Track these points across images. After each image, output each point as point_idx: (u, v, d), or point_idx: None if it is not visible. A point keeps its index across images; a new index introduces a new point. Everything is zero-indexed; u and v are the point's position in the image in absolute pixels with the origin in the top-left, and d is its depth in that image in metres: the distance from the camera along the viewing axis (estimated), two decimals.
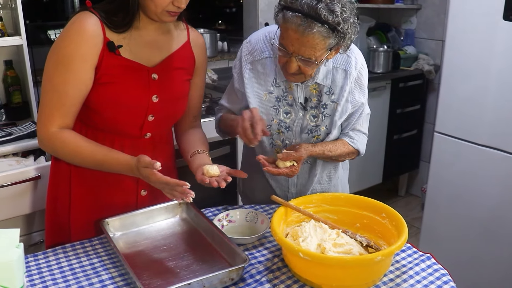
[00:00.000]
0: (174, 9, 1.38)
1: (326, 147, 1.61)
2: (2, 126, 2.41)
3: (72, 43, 1.37)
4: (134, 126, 1.50)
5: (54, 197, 1.58)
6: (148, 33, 1.48)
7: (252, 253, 1.42)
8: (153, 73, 1.48)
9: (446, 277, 1.31)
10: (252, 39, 1.67)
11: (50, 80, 1.39)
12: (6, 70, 2.57)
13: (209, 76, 3.18)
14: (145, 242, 1.46)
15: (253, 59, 1.63)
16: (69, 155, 1.43)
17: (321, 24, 1.33)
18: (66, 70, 1.37)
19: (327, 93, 1.61)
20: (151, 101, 1.48)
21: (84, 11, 1.40)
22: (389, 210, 1.41)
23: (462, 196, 2.70)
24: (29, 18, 2.50)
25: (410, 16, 4.02)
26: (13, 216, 2.19)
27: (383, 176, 3.88)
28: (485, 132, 2.54)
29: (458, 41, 2.61)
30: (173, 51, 1.53)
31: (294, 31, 1.36)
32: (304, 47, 1.39)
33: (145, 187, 1.60)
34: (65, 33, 1.38)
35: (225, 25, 5.00)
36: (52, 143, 1.41)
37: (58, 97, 1.38)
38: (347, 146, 1.67)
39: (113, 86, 1.42)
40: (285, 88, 1.62)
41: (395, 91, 3.69)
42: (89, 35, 1.37)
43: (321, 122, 1.63)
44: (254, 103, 1.63)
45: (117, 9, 1.41)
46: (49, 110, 1.40)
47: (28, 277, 1.28)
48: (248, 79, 1.63)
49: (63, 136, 1.40)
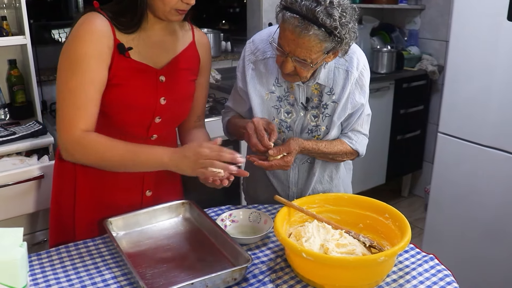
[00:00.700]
0: (183, 7, 1.38)
1: (321, 143, 1.62)
2: (6, 125, 2.42)
3: (86, 43, 1.34)
4: (141, 127, 1.50)
5: (59, 197, 1.57)
6: (155, 34, 1.47)
7: (255, 253, 1.42)
8: (160, 75, 1.48)
9: (449, 278, 1.31)
10: (255, 39, 1.68)
11: (66, 84, 1.36)
12: (10, 70, 2.58)
13: (213, 76, 3.18)
14: (148, 241, 1.46)
15: (255, 59, 1.64)
16: (100, 157, 1.37)
17: (317, 27, 1.33)
18: (83, 70, 1.34)
19: (328, 93, 1.61)
20: (158, 103, 1.48)
21: (92, 12, 1.38)
22: (392, 211, 1.41)
23: (466, 197, 2.70)
24: (33, 17, 2.51)
25: (414, 16, 4.01)
26: (16, 215, 2.20)
27: (386, 177, 3.88)
28: (489, 133, 2.54)
29: (462, 41, 2.61)
30: (179, 52, 1.53)
31: (291, 32, 1.36)
32: (299, 49, 1.39)
33: (150, 188, 1.60)
34: (76, 34, 1.35)
35: (229, 25, 5.01)
36: (81, 147, 1.35)
37: (78, 99, 1.34)
38: (344, 146, 1.67)
39: (122, 88, 1.41)
40: (286, 88, 1.63)
41: (399, 91, 3.68)
42: (101, 35, 1.35)
43: (322, 122, 1.63)
44: (256, 103, 1.64)
45: (125, 10, 1.39)
46: (71, 113, 1.35)
47: (31, 276, 1.28)
48: (250, 79, 1.64)
49: (91, 137, 1.35)
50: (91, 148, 1.36)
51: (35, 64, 2.48)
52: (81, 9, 3.96)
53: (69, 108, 1.36)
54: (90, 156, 1.38)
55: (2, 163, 2.17)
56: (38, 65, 2.64)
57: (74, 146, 1.36)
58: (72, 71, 1.35)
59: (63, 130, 1.36)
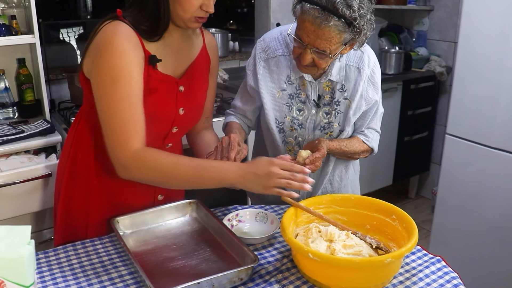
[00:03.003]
0: (202, 14, 1.37)
1: (342, 142, 1.64)
2: (15, 123, 2.43)
3: (124, 55, 1.29)
4: (159, 138, 1.50)
5: (69, 199, 1.54)
6: (174, 42, 1.46)
7: (261, 253, 1.42)
8: (180, 86, 1.47)
9: (456, 280, 1.30)
10: (266, 37, 1.69)
11: (111, 98, 1.30)
12: (19, 68, 2.59)
13: (220, 76, 3.18)
14: (155, 240, 1.46)
15: (267, 57, 1.65)
16: (163, 175, 1.32)
17: (337, 18, 1.35)
18: (127, 82, 1.30)
19: (340, 90, 1.62)
20: (177, 114, 1.48)
21: (117, 21, 1.34)
22: (399, 212, 1.40)
23: (473, 199, 2.68)
24: (42, 16, 2.53)
25: (422, 17, 4.00)
26: (24, 213, 2.21)
27: (394, 178, 3.86)
28: (497, 135, 2.52)
29: (471, 42, 2.59)
30: (194, 58, 1.53)
31: (311, 23, 1.38)
32: (319, 40, 1.40)
33: (162, 192, 1.60)
34: (110, 45, 1.30)
35: (237, 25, 5.01)
36: (141, 164, 1.31)
37: (128, 112, 1.30)
38: (361, 144, 1.69)
39: (146, 100, 1.37)
40: (298, 86, 1.63)
41: (407, 92, 3.67)
42: (135, 45, 1.32)
43: (334, 119, 1.64)
44: (267, 100, 1.65)
45: (147, 18, 1.35)
46: (124, 128, 1.30)
47: (38, 274, 1.29)
48: (261, 76, 1.65)
49: (152, 154, 1.31)
50: (154, 165, 1.32)
51: (43, 63, 2.49)
52: (89, 8, 3.98)
53: (120, 124, 1.31)
54: (152, 174, 1.34)
55: (10, 161, 2.19)
56: (46, 64, 2.66)
57: (133, 163, 1.32)
58: (115, 85, 1.30)
59: (119, 147, 1.31)
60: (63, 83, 2.86)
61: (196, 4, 1.34)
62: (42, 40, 2.47)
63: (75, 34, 3.00)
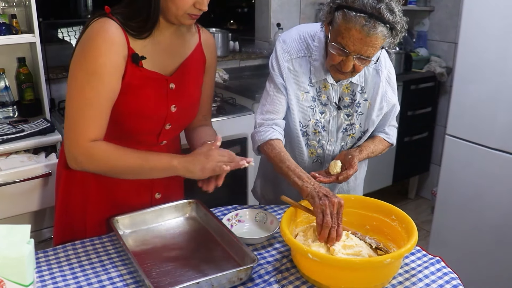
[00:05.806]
0: (196, 12, 1.37)
1: (369, 150, 1.66)
2: (15, 122, 2.43)
3: (102, 54, 1.31)
4: (152, 135, 1.50)
5: (67, 199, 1.54)
6: (165, 39, 1.45)
7: (261, 253, 1.42)
8: (171, 83, 1.47)
9: (455, 281, 1.30)
10: (286, 38, 1.66)
11: (82, 93, 1.32)
12: (19, 67, 2.59)
13: (221, 76, 3.18)
14: (155, 240, 1.46)
15: (290, 57, 1.63)
16: (110, 166, 1.37)
17: (383, 24, 1.36)
18: (100, 82, 1.32)
19: (360, 92, 1.64)
20: (169, 111, 1.48)
21: (104, 18, 1.35)
22: (399, 213, 1.41)
23: (473, 200, 2.68)
24: (42, 16, 2.53)
25: (423, 18, 4.00)
26: (23, 212, 2.21)
27: (393, 178, 3.86)
28: (497, 136, 2.52)
29: (471, 43, 2.59)
30: (186, 56, 1.52)
31: (358, 31, 1.37)
32: (366, 47, 1.41)
33: (160, 190, 1.61)
34: (91, 43, 1.32)
35: (237, 25, 5.01)
36: (90, 157, 1.35)
37: (92, 110, 1.33)
38: (384, 143, 1.73)
39: (134, 97, 1.40)
40: (319, 88, 1.63)
41: (407, 93, 3.66)
42: (117, 45, 1.33)
43: (356, 121, 1.66)
44: (293, 103, 1.63)
45: (136, 14, 1.35)
46: (83, 124, 1.33)
47: (38, 273, 1.29)
48: (287, 78, 1.63)
49: (100, 147, 1.35)
50: (101, 157, 1.35)
51: (43, 62, 2.49)
52: (90, 8, 3.98)
53: (81, 119, 1.34)
54: (99, 166, 1.38)
55: (10, 160, 2.19)
56: (46, 63, 2.65)
57: (83, 156, 1.35)
58: (88, 82, 1.32)
59: (73, 140, 1.34)
60: (63, 82, 2.85)
61: (189, 1, 1.34)
62: (42, 39, 2.46)
63: (75, 33, 2.99)
